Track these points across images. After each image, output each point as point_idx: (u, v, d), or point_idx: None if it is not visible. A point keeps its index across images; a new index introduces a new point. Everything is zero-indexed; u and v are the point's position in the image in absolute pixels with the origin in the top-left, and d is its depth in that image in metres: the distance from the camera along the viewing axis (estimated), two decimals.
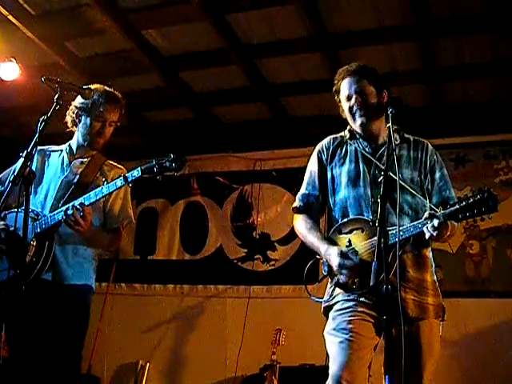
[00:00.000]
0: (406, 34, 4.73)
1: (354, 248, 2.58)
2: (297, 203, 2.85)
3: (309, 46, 4.97)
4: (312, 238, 2.73)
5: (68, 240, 3.04)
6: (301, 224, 2.81)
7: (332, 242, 2.67)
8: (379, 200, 2.17)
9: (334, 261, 2.55)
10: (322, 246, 2.66)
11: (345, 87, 2.73)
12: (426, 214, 2.41)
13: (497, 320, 5.12)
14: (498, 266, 5.30)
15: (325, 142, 2.86)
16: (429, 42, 4.80)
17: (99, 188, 2.92)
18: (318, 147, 2.87)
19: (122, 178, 2.88)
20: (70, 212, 2.87)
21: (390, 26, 4.68)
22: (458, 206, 2.31)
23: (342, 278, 2.57)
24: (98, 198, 2.92)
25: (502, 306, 5.12)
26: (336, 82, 2.79)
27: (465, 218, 2.31)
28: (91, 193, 2.93)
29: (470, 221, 5.23)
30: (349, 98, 2.72)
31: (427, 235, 2.40)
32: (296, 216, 2.85)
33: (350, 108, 2.71)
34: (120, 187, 2.92)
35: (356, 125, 2.72)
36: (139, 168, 2.85)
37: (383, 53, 4.98)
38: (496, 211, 2.24)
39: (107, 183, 2.92)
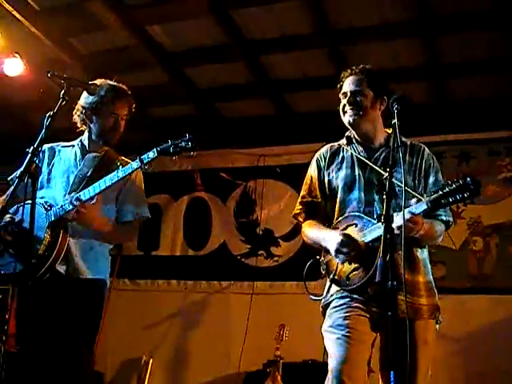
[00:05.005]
0: (409, 30, 4.73)
1: None
2: (297, 209, 2.94)
3: (313, 41, 4.98)
4: (315, 232, 2.80)
5: (82, 234, 3.04)
6: (305, 226, 2.88)
7: None
8: (384, 197, 2.20)
9: (336, 239, 2.57)
10: (321, 234, 2.74)
11: (345, 85, 2.81)
12: (413, 201, 2.41)
13: (500, 316, 5.11)
14: (502, 263, 5.29)
15: (323, 149, 2.95)
16: (433, 39, 4.80)
17: (114, 172, 2.90)
18: (317, 155, 2.95)
19: (137, 159, 2.87)
20: (68, 206, 2.88)
21: (394, 22, 4.69)
22: (441, 192, 2.32)
23: (340, 258, 2.58)
24: (113, 181, 2.90)
25: (505, 302, 5.11)
26: (341, 79, 2.86)
27: (448, 204, 2.32)
28: (106, 177, 2.90)
29: (474, 217, 5.25)
30: (345, 96, 2.79)
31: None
32: (303, 224, 2.91)
33: (344, 105, 2.79)
34: (136, 169, 2.90)
35: (345, 122, 2.80)
36: (155, 149, 2.84)
37: (387, 49, 4.99)
38: (478, 195, 2.25)
39: (122, 167, 2.92)
